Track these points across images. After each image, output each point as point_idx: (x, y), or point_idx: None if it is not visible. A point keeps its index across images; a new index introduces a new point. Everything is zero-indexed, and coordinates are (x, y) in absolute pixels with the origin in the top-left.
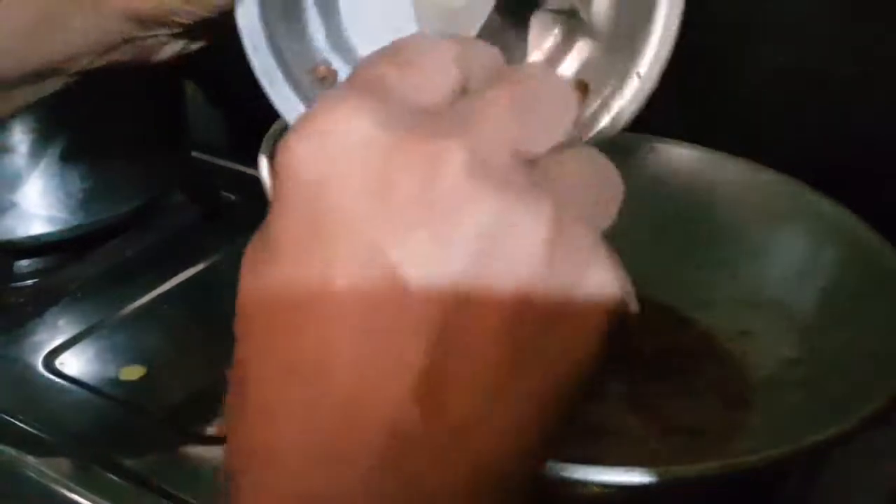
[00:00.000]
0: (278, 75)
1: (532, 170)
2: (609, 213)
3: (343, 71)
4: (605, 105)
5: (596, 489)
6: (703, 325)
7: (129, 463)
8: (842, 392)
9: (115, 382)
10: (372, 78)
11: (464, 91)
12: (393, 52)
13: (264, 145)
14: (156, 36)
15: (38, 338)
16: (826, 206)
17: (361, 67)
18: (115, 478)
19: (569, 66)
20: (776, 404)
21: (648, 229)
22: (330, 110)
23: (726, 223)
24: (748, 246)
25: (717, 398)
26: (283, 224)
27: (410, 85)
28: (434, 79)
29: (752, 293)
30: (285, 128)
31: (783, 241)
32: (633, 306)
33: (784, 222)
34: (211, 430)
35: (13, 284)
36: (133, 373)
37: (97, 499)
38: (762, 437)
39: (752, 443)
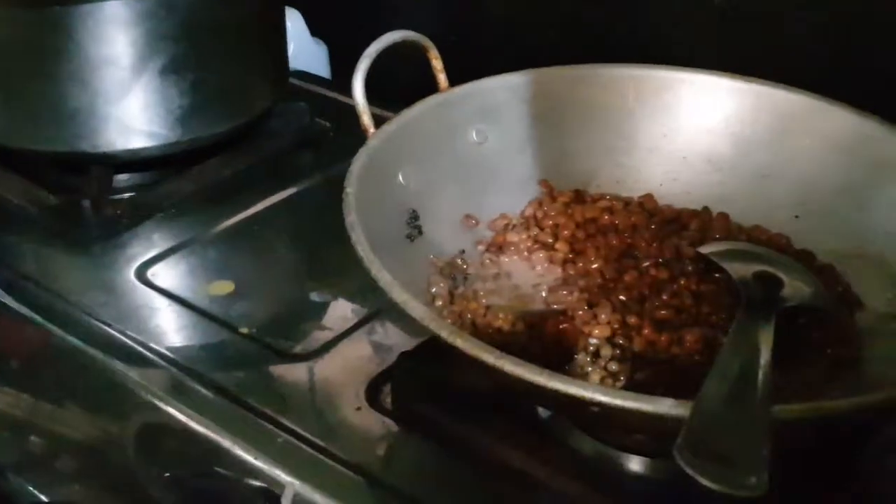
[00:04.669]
0: None
1: None
2: None
3: None
4: None
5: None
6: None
7: (215, 376)
8: None
9: (204, 296)
10: None
11: None
12: None
13: (360, 65)
14: None
15: (132, 249)
16: None
17: None
18: (202, 389)
19: None
20: (872, 356)
21: (749, 174)
22: None
23: (830, 172)
24: (851, 196)
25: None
26: None
27: None
28: None
29: (853, 245)
30: (380, 51)
31: (889, 193)
32: None
33: (890, 173)
34: (296, 348)
35: (112, 196)
36: (222, 288)
37: (185, 409)
38: (854, 388)
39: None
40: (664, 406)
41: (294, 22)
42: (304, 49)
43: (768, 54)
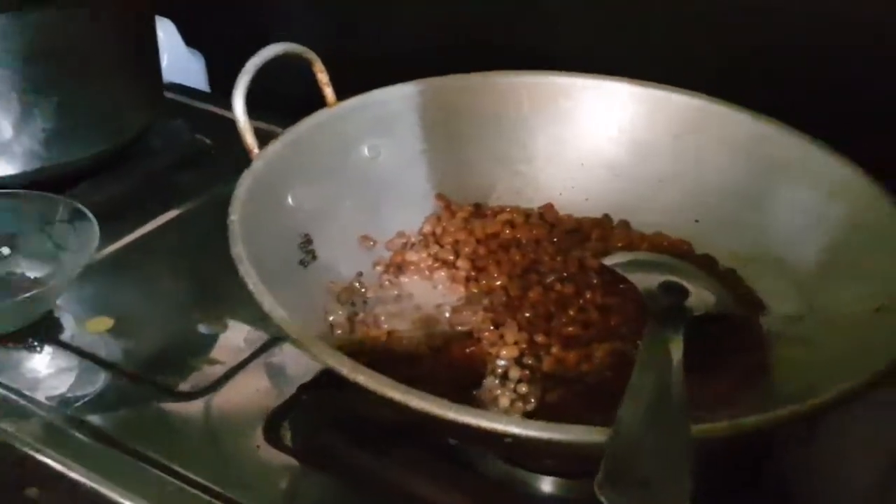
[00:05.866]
0: None
1: None
2: None
3: None
4: None
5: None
6: None
7: (96, 421)
8: (843, 351)
9: (82, 334)
10: None
11: None
12: None
13: (239, 81)
14: None
15: None
16: (832, 158)
17: None
18: (82, 437)
19: None
20: (780, 360)
21: (648, 180)
22: None
23: (727, 175)
24: (749, 199)
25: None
26: None
27: None
28: None
29: (753, 248)
30: (260, 65)
31: (786, 194)
32: None
33: (788, 175)
34: (184, 386)
35: None
36: (101, 324)
37: (64, 459)
38: (765, 396)
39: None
40: (579, 434)
41: (167, 32)
42: (178, 61)
43: (663, 58)
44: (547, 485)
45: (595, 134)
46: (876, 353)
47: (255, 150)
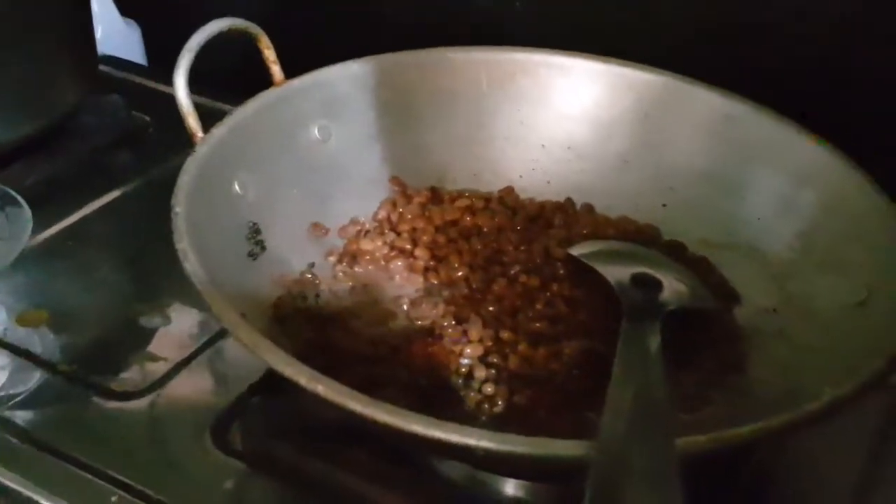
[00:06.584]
0: None
1: None
2: None
3: None
4: None
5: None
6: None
7: (28, 423)
8: (823, 348)
9: (13, 329)
10: None
11: None
12: None
13: (181, 61)
14: None
15: None
16: (808, 141)
17: None
18: (13, 440)
19: None
20: (756, 357)
21: (611, 161)
22: None
23: (695, 158)
24: (719, 182)
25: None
26: None
27: None
28: None
29: (724, 234)
30: (204, 43)
31: (759, 178)
32: None
33: (759, 156)
34: (124, 385)
35: None
36: (34, 318)
37: None
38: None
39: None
40: (561, 449)
41: (101, 1)
42: (113, 31)
43: (628, 34)
44: (510, 487)
45: (556, 113)
46: (863, 353)
47: (199, 135)
